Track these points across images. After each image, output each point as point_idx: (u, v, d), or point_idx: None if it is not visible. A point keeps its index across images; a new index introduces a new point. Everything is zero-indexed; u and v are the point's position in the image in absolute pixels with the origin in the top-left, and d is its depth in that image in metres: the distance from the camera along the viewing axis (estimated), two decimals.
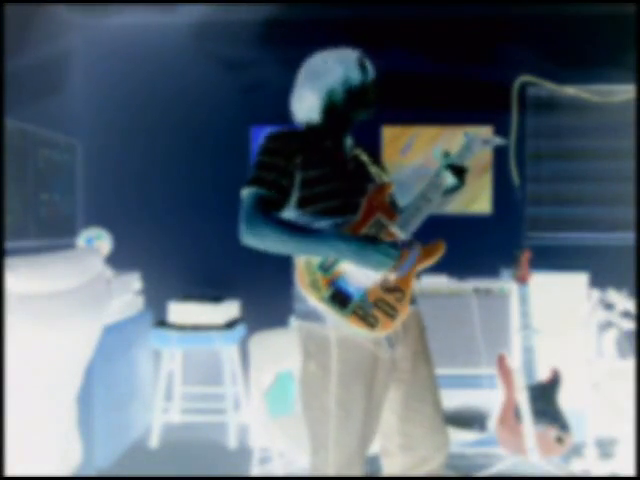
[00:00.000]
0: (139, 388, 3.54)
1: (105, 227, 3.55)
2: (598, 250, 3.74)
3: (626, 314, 2.80)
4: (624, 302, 2.80)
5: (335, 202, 1.73)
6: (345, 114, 1.87)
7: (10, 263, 1.56)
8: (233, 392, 3.45)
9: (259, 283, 3.83)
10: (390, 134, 3.79)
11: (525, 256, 2.93)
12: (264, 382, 2.66)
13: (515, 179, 3.78)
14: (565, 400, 2.87)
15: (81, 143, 3.90)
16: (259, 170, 1.72)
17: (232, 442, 3.35)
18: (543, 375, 2.89)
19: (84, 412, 2.30)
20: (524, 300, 2.89)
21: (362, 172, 1.86)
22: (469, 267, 3.60)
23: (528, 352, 2.85)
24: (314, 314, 1.70)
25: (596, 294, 3.04)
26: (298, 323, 1.78)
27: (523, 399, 2.81)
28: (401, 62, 3.78)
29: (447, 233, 2.13)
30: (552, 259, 3.64)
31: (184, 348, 3.63)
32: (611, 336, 3.00)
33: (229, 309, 3.57)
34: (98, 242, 3.37)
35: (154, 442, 3.37)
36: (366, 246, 1.63)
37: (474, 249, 3.73)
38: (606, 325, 3.02)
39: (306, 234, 1.67)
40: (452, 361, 3.34)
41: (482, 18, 3.75)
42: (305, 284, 1.65)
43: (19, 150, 3.21)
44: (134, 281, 3.54)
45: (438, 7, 3.62)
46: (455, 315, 3.35)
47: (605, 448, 3.01)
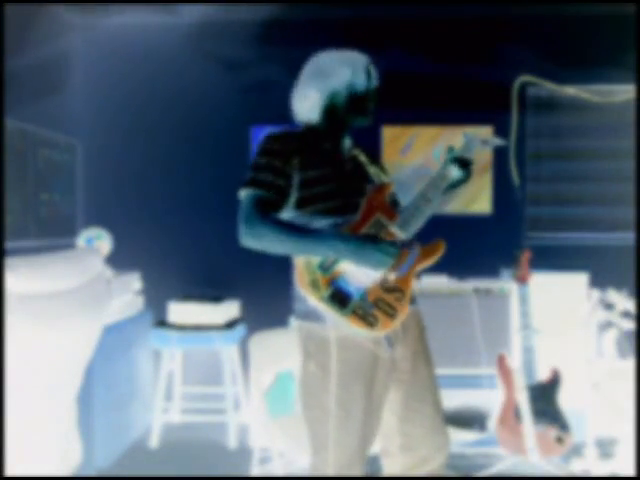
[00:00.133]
0: (139, 388, 3.54)
1: (105, 227, 3.55)
2: (598, 250, 3.74)
3: (626, 314, 2.80)
4: (624, 302, 2.80)
5: (334, 202, 1.73)
6: (343, 118, 1.86)
7: (10, 263, 1.56)
8: (233, 392, 3.45)
9: (259, 283, 3.83)
10: (390, 134, 3.79)
11: (525, 256, 2.93)
12: (264, 382, 2.66)
13: (515, 179, 3.78)
14: (565, 400, 2.87)
15: (81, 143, 3.90)
16: (256, 171, 1.72)
17: (232, 442, 3.35)
18: (543, 375, 2.89)
19: (84, 412, 2.30)
20: (524, 300, 2.89)
21: (361, 172, 1.86)
22: (469, 267, 3.60)
23: (528, 352, 2.85)
24: (314, 314, 1.70)
25: (596, 294, 3.04)
26: (298, 323, 1.78)
27: (523, 399, 2.81)
28: (401, 62, 3.78)
29: (447, 233, 2.13)
30: (552, 259, 3.64)
31: (184, 348, 3.63)
32: (611, 336, 3.00)
33: (229, 309, 3.57)
34: (98, 242, 3.38)
35: (154, 442, 3.37)
36: (365, 245, 1.63)
37: (474, 249, 3.73)
38: (606, 325, 3.02)
39: (304, 234, 1.68)
40: (452, 361, 3.34)
41: (482, 18, 3.75)
42: (305, 284, 1.65)
43: (19, 150, 3.21)
44: (134, 281, 3.54)
45: (438, 7, 3.62)
46: (455, 315, 3.35)
47: (605, 448, 3.01)
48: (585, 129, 3.77)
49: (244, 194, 1.71)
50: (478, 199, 3.78)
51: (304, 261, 1.67)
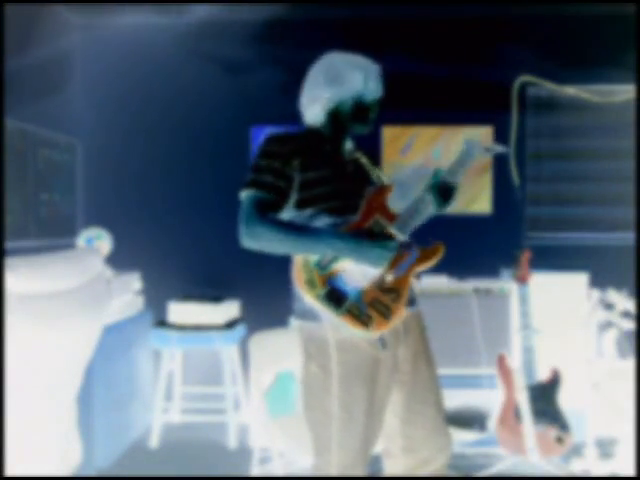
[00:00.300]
0: (139, 388, 3.54)
1: (105, 227, 3.55)
2: (598, 250, 3.74)
3: (626, 314, 2.80)
4: (624, 302, 2.80)
5: (334, 203, 1.74)
6: (345, 123, 1.86)
7: (10, 263, 1.56)
8: (233, 392, 3.45)
9: (259, 283, 3.83)
10: (390, 134, 3.79)
11: (525, 256, 2.93)
12: (264, 382, 2.66)
13: (515, 179, 3.78)
14: (565, 400, 2.87)
15: (81, 143, 3.90)
16: (256, 173, 1.72)
17: (232, 442, 3.35)
18: (543, 375, 2.89)
19: (84, 412, 2.30)
20: (524, 300, 2.89)
21: (362, 174, 1.87)
22: (469, 267, 3.60)
23: (528, 352, 2.85)
24: (311, 313, 1.71)
25: (596, 294, 3.04)
26: (298, 323, 1.78)
27: (523, 399, 2.81)
28: (401, 62, 3.78)
29: (447, 233, 2.13)
30: (552, 259, 3.64)
31: (184, 348, 3.63)
32: (611, 336, 2.99)
33: (229, 309, 3.57)
34: (98, 242, 3.37)
35: (154, 442, 3.37)
36: (363, 242, 1.64)
37: (474, 249, 3.73)
38: (606, 325, 3.02)
39: (303, 233, 1.69)
40: (452, 361, 3.33)
41: (482, 18, 3.75)
42: (301, 282, 1.66)
43: (19, 150, 3.21)
44: (134, 281, 3.54)
45: (438, 7, 3.62)
46: (455, 315, 3.35)
47: (605, 448, 3.01)
48: (585, 129, 3.77)
49: (244, 195, 1.71)
50: (478, 199, 3.78)
51: (302, 259, 1.68)
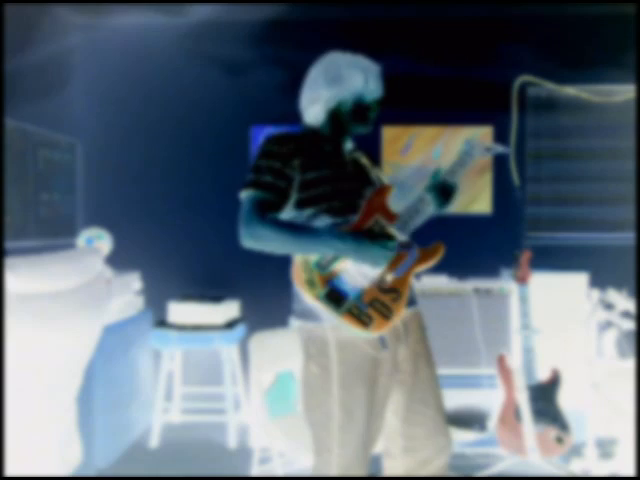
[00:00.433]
0: (139, 388, 3.54)
1: (105, 227, 3.55)
2: (598, 250, 3.74)
3: (626, 314, 2.80)
4: (624, 302, 2.80)
5: (334, 203, 1.74)
6: (344, 124, 1.86)
7: (10, 263, 1.56)
8: (233, 392, 3.45)
9: (259, 283, 3.83)
10: (390, 134, 3.79)
11: (525, 256, 2.93)
12: (264, 382, 2.66)
13: (515, 179, 3.78)
14: (565, 400, 2.87)
15: (81, 143, 3.90)
16: (256, 173, 1.72)
17: (232, 442, 3.35)
18: (543, 375, 2.89)
19: (84, 412, 2.30)
20: (524, 300, 2.89)
21: (362, 174, 1.87)
22: (469, 267, 3.60)
23: (528, 352, 2.85)
24: (311, 313, 1.71)
25: (596, 294, 3.04)
26: (298, 323, 1.78)
27: (523, 399, 2.81)
28: (401, 62, 3.78)
29: (447, 233, 2.14)
30: (552, 259, 3.64)
31: (184, 348, 3.63)
32: (611, 336, 3.00)
33: (229, 309, 3.57)
34: (98, 242, 3.37)
35: (154, 442, 3.37)
36: (362, 243, 1.65)
37: (474, 249, 3.73)
38: (606, 325, 3.02)
39: (303, 233, 1.69)
40: (452, 361, 3.34)
41: (482, 18, 3.75)
42: (301, 281, 1.66)
43: (19, 150, 3.21)
44: (134, 281, 3.54)
45: (438, 7, 3.62)
46: (455, 315, 3.35)
47: (605, 448, 3.01)
48: (585, 129, 3.77)
49: (244, 196, 1.72)
50: (478, 199, 3.78)
51: (301, 259, 1.68)
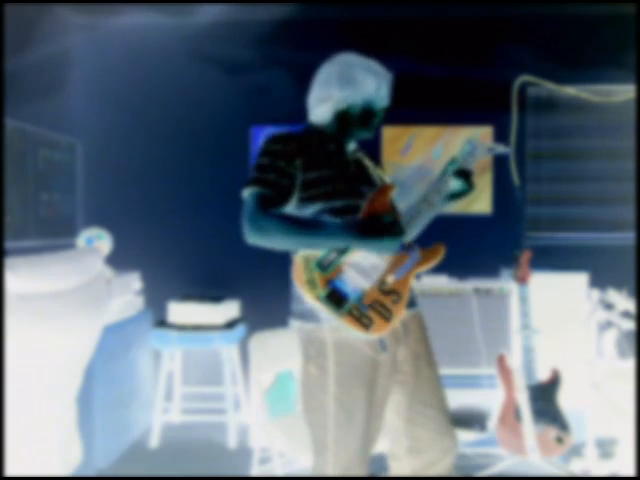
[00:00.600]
0: (139, 388, 3.54)
1: (105, 227, 3.55)
2: (598, 250, 3.74)
3: (626, 314, 2.80)
4: (624, 302, 2.80)
5: (336, 203, 1.74)
6: (350, 126, 1.87)
7: (10, 263, 1.56)
8: (233, 392, 3.45)
9: (259, 283, 3.83)
10: (390, 134, 3.79)
11: (525, 256, 2.93)
12: (264, 382, 2.66)
13: (515, 179, 3.78)
14: (565, 400, 2.87)
15: (81, 143, 3.90)
16: (259, 171, 1.72)
17: (232, 442, 3.35)
18: (543, 375, 2.89)
19: (84, 412, 2.30)
20: (524, 300, 2.89)
21: (364, 175, 1.87)
22: (469, 267, 3.60)
23: (528, 352, 2.85)
24: (310, 314, 1.71)
25: (596, 294, 3.04)
26: (297, 324, 1.78)
27: (523, 399, 2.81)
28: (401, 62, 3.78)
29: (447, 233, 2.14)
30: (552, 259, 3.64)
31: (184, 348, 3.63)
32: (611, 336, 3.00)
33: (229, 309, 3.57)
34: (98, 242, 3.37)
35: (154, 442, 3.37)
36: (367, 236, 1.66)
37: (474, 249, 3.73)
38: (606, 325, 3.02)
39: (307, 223, 1.69)
40: (452, 361, 3.34)
41: (482, 18, 3.75)
42: (302, 281, 1.65)
43: (19, 150, 3.21)
44: (134, 281, 3.54)
45: (438, 7, 3.62)
46: (455, 315, 3.35)
47: (605, 448, 3.01)
48: (585, 129, 3.77)
49: (247, 193, 1.71)
50: (478, 199, 3.78)
51: (302, 259, 1.68)
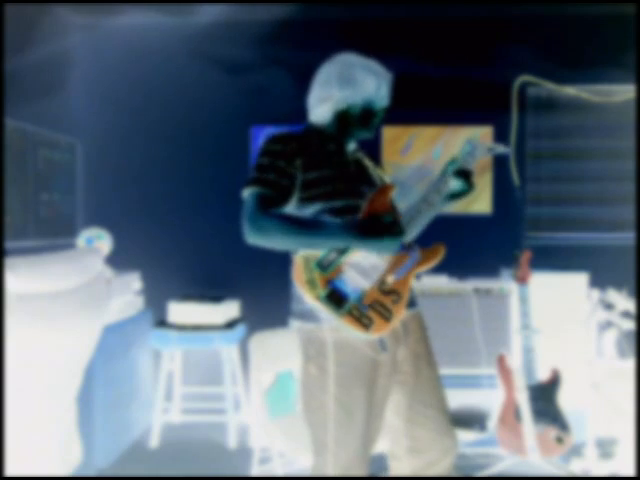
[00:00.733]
0: (139, 388, 3.54)
1: (105, 227, 3.55)
2: (598, 250, 3.74)
3: (626, 314, 2.80)
4: (624, 302, 2.80)
5: (336, 203, 1.74)
6: (350, 126, 1.87)
7: (10, 263, 1.56)
8: (233, 392, 3.45)
9: (259, 283, 3.83)
10: (390, 134, 3.79)
11: (525, 256, 2.93)
12: (264, 382, 2.66)
13: (515, 179, 3.78)
14: (565, 400, 2.87)
15: (81, 143, 3.90)
16: (260, 171, 1.72)
17: (232, 442, 3.35)
18: (543, 375, 2.89)
19: (84, 412, 2.30)
20: (524, 300, 2.89)
21: (364, 175, 1.88)
22: (469, 267, 3.60)
23: (528, 352, 2.85)
24: (310, 314, 1.70)
25: (596, 294, 3.04)
26: (297, 324, 1.78)
27: (523, 399, 2.81)
28: (401, 62, 3.77)
29: (447, 233, 2.14)
30: (552, 259, 3.64)
31: (184, 348, 3.63)
32: (611, 336, 3.00)
33: (229, 309, 3.57)
34: (98, 242, 3.37)
35: (154, 442, 3.37)
36: (367, 237, 1.65)
37: (474, 249, 3.73)
38: (606, 325, 3.02)
39: (308, 223, 1.69)
40: (452, 361, 3.34)
41: (482, 18, 3.75)
42: (302, 281, 1.65)
43: (19, 150, 3.21)
44: (134, 281, 3.54)
45: (438, 7, 3.62)
46: (455, 315, 3.35)
47: (605, 448, 3.01)
48: (585, 129, 3.77)
49: (247, 193, 1.71)
50: (478, 199, 3.78)
51: (302, 259, 1.68)
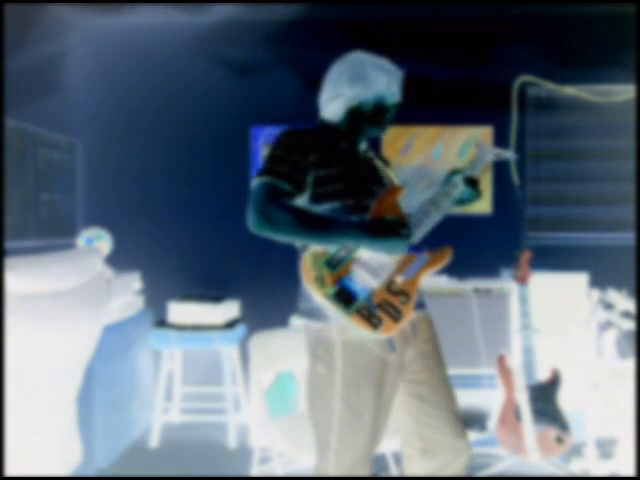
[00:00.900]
0: (139, 388, 3.54)
1: (105, 227, 3.55)
2: (598, 250, 3.74)
3: (626, 314, 2.80)
4: (624, 302, 2.80)
5: (346, 201, 1.74)
6: (362, 124, 1.87)
7: (10, 263, 1.56)
8: (233, 392, 3.45)
9: (259, 283, 3.83)
10: (390, 134, 3.78)
11: (525, 256, 2.93)
12: (264, 382, 2.66)
13: (515, 179, 3.78)
14: (565, 400, 2.87)
15: (81, 143, 3.89)
16: (273, 162, 1.70)
17: (232, 442, 3.35)
18: (543, 375, 2.89)
19: (84, 412, 2.30)
20: (524, 300, 2.89)
21: (374, 175, 1.88)
22: (469, 267, 3.60)
23: (528, 352, 2.85)
24: (318, 312, 1.70)
25: (596, 294, 3.04)
26: (303, 322, 1.78)
27: (523, 399, 2.81)
28: (401, 62, 3.76)
29: (447, 233, 2.14)
30: (552, 259, 3.64)
31: (184, 348, 3.63)
32: (611, 336, 2.99)
33: (229, 309, 3.57)
34: (98, 242, 3.37)
35: (154, 442, 3.37)
36: (377, 239, 1.65)
37: (474, 249, 3.73)
38: (606, 325, 3.02)
39: (318, 217, 1.69)
40: (452, 361, 3.32)
41: (482, 18, 3.75)
42: (310, 279, 1.64)
43: (19, 150, 3.21)
44: (134, 281, 3.54)
45: (438, 7, 3.62)
46: (455, 315, 3.35)
47: (605, 448, 3.01)
48: (585, 129, 3.77)
49: (258, 182, 1.68)
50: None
51: (311, 257, 1.66)
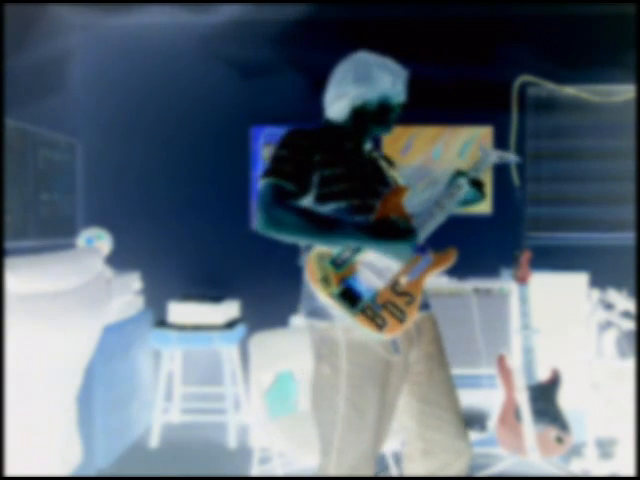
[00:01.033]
0: (139, 388, 3.54)
1: (105, 227, 3.55)
2: (598, 250, 3.74)
3: (626, 314, 2.80)
4: (624, 302, 2.80)
5: (351, 201, 1.74)
6: (367, 124, 1.89)
7: (10, 263, 1.56)
8: (233, 392, 3.45)
9: (259, 283, 3.83)
10: (390, 134, 3.78)
11: (525, 256, 2.93)
12: (264, 382, 2.66)
13: (515, 179, 3.78)
14: (565, 400, 2.87)
15: (81, 143, 3.89)
16: (278, 163, 1.72)
17: (232, 442, 3.35)
18: (543, 375, 2.89)
19: (84, 412, 2.30)
20: (524, 300, 2.89)
21: (379, 175, 1.88)
22: (469, 267, 3.59)
23: (528, 352, 2.85)
24: (322, 312, 1.70)
25: (596, 294, 3.04)
26: (308, 322, 1.78)
27: (523, 399, 2.81)
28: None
29: (447, 233, 2.13)
30: (552, 259, 3.64)
31: (184, 348, 3.63)
32: (611, 336, 3.00)
33: (229, 309, 3.57)
34: (98, 242, 3.37)
35: (154, 442, 3.37)
36: (381, 240, 1.66)
37: (474, 249, 3.73)
38: (606, 325, 3.02)
39: (324, 219, 1.69)
40: (452, 361, 3.31)
41: (482, 18, 3.75)
42: (315, 279, 1.64)
43: (19, 150, 3.21)
44: (134, 281, 3.53)
45: (438, 7, 3.62)
46: (455, 315, 3.35)
47: (605, 448, 3.01)
48: (585, 129, 3.77)
49: (264, 182, 1.70)
50: None
51: (316, 257, 1.67)
